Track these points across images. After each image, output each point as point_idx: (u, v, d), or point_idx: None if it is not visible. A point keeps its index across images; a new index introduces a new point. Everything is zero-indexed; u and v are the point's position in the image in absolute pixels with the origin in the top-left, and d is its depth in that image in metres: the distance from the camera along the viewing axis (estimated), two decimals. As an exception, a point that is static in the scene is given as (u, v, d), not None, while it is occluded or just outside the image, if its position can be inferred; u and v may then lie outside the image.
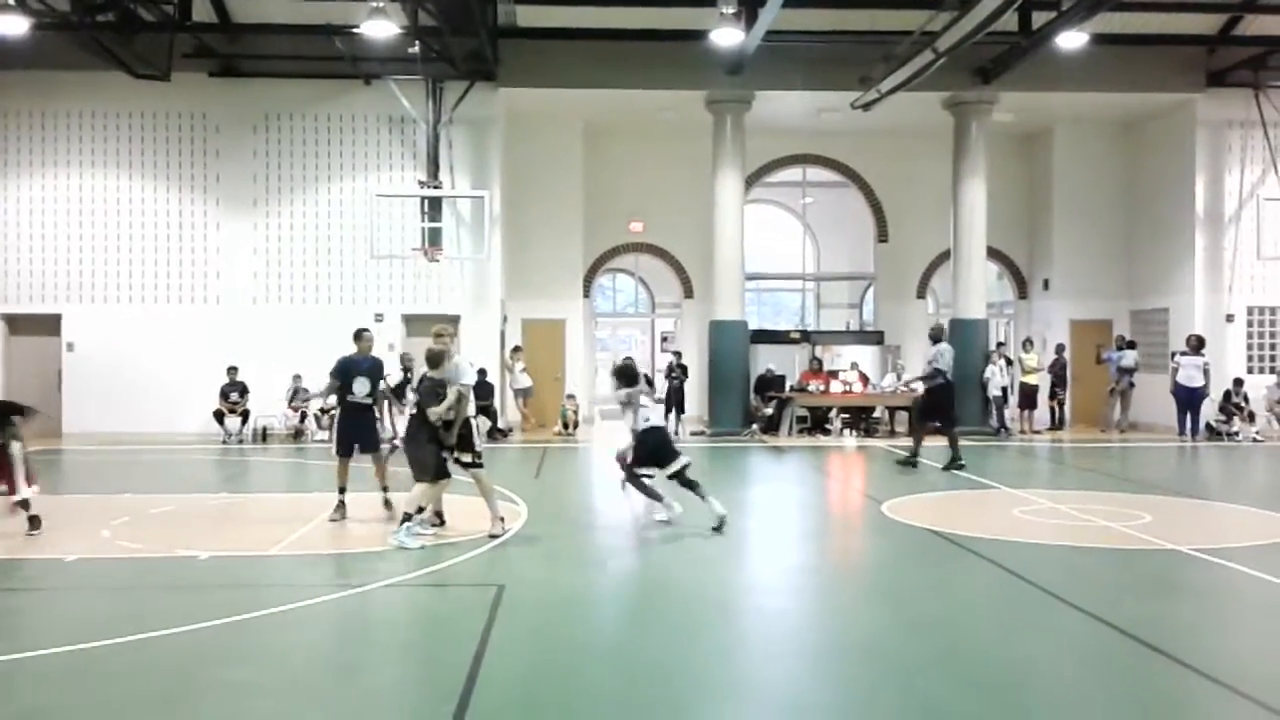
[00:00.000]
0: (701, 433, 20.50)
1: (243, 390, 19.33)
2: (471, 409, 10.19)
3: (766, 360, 22.23)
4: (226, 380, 19.31)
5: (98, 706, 5.58)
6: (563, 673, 6.19)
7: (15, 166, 19.97)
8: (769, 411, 21.03)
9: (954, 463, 14.87)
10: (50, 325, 19.95)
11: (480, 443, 10.18)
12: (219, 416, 19.16)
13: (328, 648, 6.82)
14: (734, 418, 20.77)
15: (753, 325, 22.14)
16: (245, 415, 19.28)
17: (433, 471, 9.85)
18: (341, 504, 11.00)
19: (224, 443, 18.84)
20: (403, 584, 8.26)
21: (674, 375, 21.00)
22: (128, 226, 20.14)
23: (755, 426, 20.82)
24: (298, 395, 19.30)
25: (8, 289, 19.97)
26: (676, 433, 20.09)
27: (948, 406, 15.38)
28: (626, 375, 10.89)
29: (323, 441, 18.94)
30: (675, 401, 20.70)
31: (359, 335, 11.40)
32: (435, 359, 9.97)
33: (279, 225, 20.37)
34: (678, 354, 21.96)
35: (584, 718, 5.43)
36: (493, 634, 6.80)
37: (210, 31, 18.57)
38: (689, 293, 24.04)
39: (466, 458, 10.07)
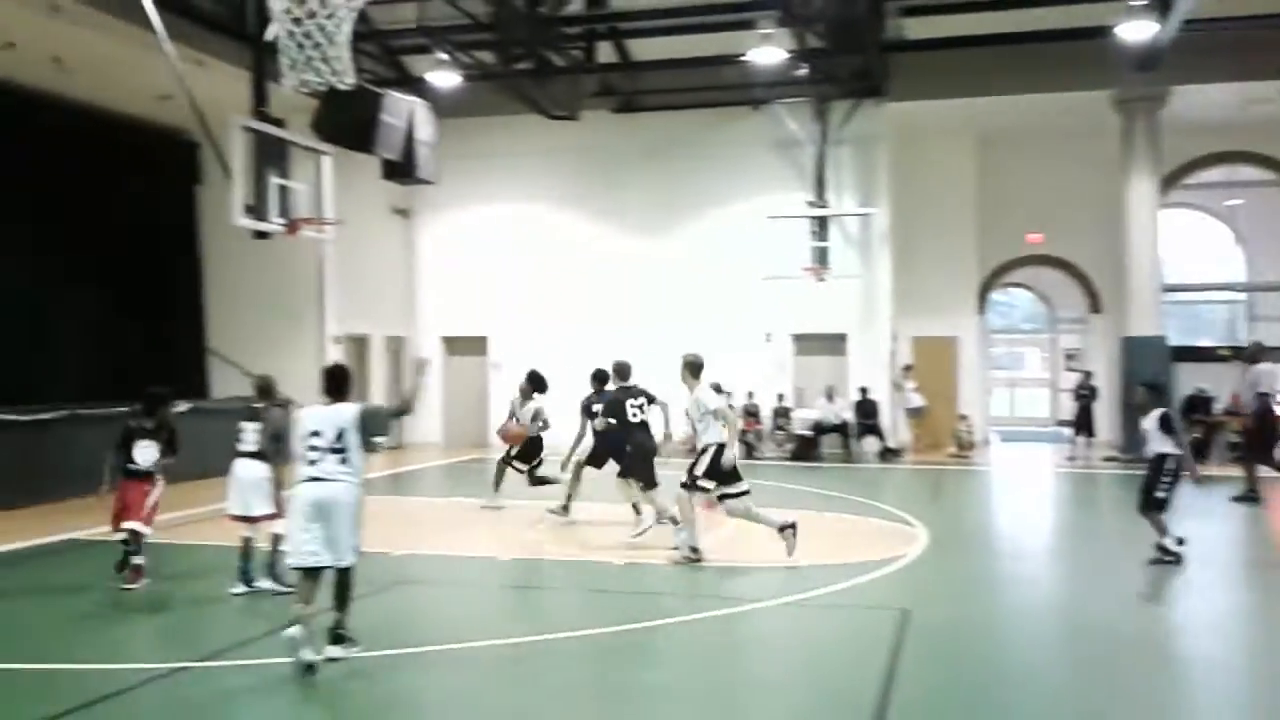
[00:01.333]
0: (1114, 459, 18.92)
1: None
2: (721, 436, 9.71)
3: (1185, 380, 20.13)
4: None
5: (530, 692, 6.07)
6: (978, 706, 5.93)
7: (448, 205, 22.34)
8: (1196, 436, 19.01)
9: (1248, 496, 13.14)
10: (479, 346, 22.12)
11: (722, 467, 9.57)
12: (621, 431, 20.26)
13: (737, 659, 6.98)
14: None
15: (1171, 341, 20.18)
16: (645, 431, 20.23)
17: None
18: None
19: (626, 456, 19.87)
20: (805, 602, 8.29)
21: (1083, 394, 19.58)
22: (543, 255, 21.92)
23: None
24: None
25: (446, 314, 22.38)
26: (1085, 458, 18.78)
27: (1272, 435, 13.55)
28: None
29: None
30: (1084, 423, 19.32)
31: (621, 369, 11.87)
32: (623, 370, 11.50)
33: (676, 249, 21.30)
34: (1088, 373, 20.44)
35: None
36: (900, 658, 6.65)
37: (613, 71, 19.82)
38: (1095, 307, 22.40)
39: (708, 484, 9.66)
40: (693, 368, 9.96)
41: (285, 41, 6.50)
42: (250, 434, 8.54)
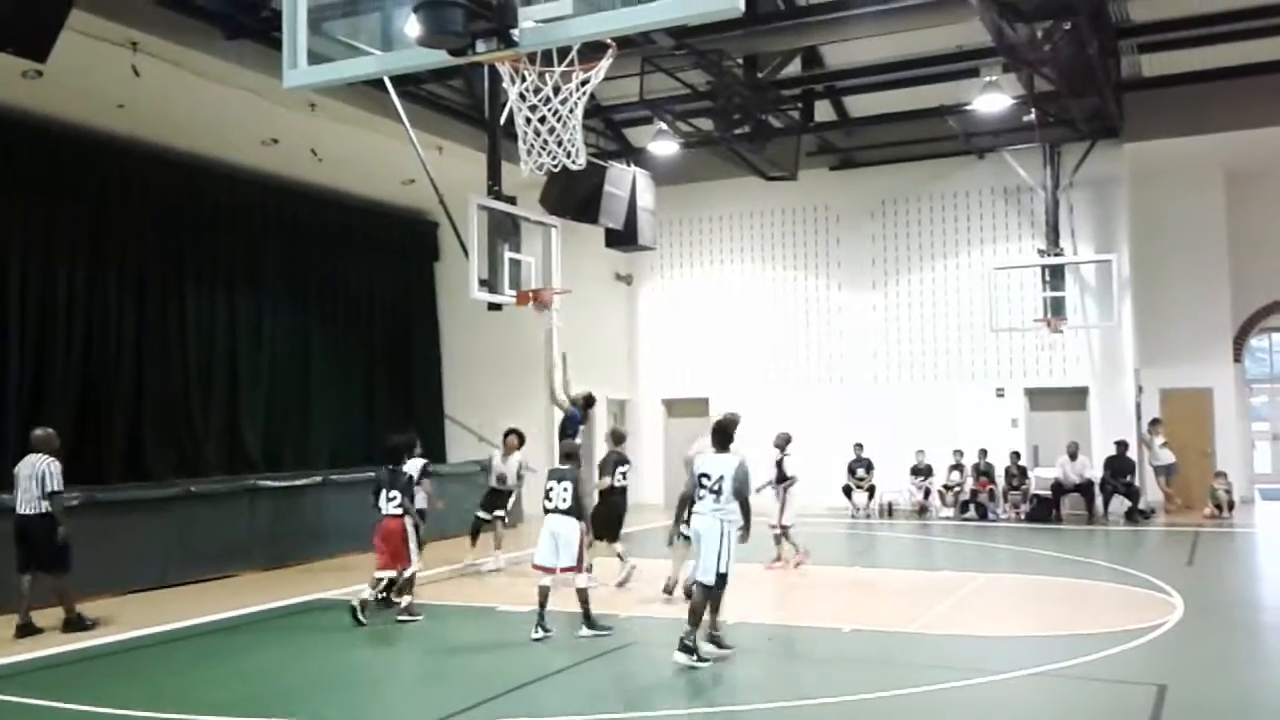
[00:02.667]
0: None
1: (869, 466, 19.92)
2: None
3: None
4: (853, 457, 20.06)
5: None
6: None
7: (668, 269, 22.83)
8: None
9: None
10: (700, 408, 22.27)
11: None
12: (847, 492, 19.90)
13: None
14: None
15: None
16: (871, 491, 19.83)
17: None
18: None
19: (852, 517, 19.50)
20: (1050, 674, 7.84)
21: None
22: (761, 315, 21.96)
23: None
24: (918, 473, 19.58)
25: (667, 376, 22.72)
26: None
27: None
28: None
29: (947, 519, 18.89)
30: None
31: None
32: (619, 437, 12.43)
33: (896, 305, 20.92)
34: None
35: None
36: (1160, 741, 6.20)
37: (831, 129, 19.78)
38: (1371, 352, 20.40)
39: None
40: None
41: (522, 128, 6.86)
42: (559, 492, 9.22)
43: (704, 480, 8.20)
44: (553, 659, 8.51)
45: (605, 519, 11.64)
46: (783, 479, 13.22)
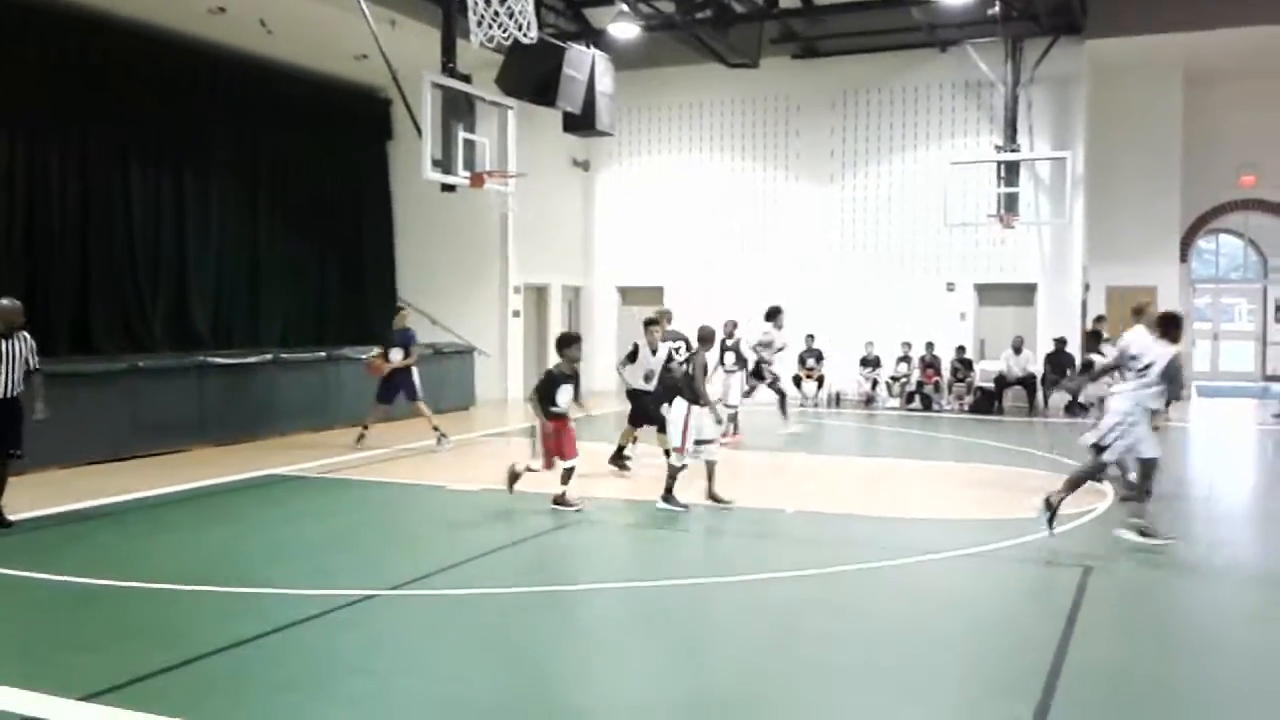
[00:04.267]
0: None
1: (819, 357, 20.19)
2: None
3: None
4: (804, 347, 20.29)
5: (694, 631, 6.23)
6: (1156, 668, 5.75)
7: (626, 155, 22.61)
8: None
9: None
10: (655, 296, 22.33)
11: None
12: (797, 381, 20.17)
13: (910, 610, 6.93)
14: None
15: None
16: (821, 380, 20.14)
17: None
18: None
19: (801, 406, 19.81)
20: (983, 554, 8.16)
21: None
22: (718, 205, 21.91)
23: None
24: (866, 364, 19.89)
25: (623, 263, 22.69)
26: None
27: None
28: None
29: (893, 409, 19.28)
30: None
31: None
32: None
33: (852, 198, 20.95)
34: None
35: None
36: (1080, 615, 6.50)
37: (795, 16, 19.45)
38: (1313, 255, 20.82)
39: None
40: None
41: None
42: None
43: (1132, 362, 8.52)
44: (494, 535, 8.69)
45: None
46: (741, 361, 14.31)
